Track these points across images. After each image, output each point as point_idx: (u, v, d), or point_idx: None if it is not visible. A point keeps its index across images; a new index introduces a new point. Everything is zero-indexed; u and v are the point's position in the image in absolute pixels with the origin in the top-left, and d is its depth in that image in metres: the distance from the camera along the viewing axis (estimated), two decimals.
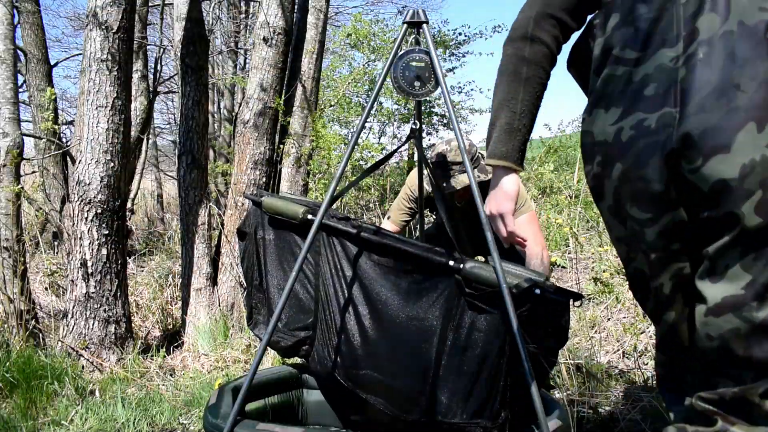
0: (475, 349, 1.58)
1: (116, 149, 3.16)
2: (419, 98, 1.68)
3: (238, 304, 3.59)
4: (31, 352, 2.87)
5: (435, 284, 1.64)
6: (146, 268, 5.63)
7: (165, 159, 12.00)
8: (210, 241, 3.69)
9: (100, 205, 3.12)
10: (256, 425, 1.57)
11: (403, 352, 1.68)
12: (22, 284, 3.26)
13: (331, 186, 1.65)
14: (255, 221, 1.96)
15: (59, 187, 5.47)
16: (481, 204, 1.43)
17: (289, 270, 1.88)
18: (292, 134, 4.16)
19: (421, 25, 1.63)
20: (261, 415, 1.91)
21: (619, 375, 2.58)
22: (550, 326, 1.52)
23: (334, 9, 10.72)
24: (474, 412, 1.59)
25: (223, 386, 1.81)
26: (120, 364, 3.11)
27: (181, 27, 3.66)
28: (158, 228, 7.97)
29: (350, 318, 1.76)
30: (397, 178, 7.60)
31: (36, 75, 5.53)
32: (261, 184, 3.61)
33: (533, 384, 1.40)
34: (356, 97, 7.42)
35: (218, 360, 3.17)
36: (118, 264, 3.23)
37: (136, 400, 2.64)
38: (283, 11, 3.58)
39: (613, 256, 4.12)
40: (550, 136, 7.13)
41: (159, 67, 6.66)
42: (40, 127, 5.04)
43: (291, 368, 2.06)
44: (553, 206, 5.44)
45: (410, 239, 1.81)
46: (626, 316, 3.26)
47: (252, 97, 3.60)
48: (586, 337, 2.95)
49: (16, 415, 2.50)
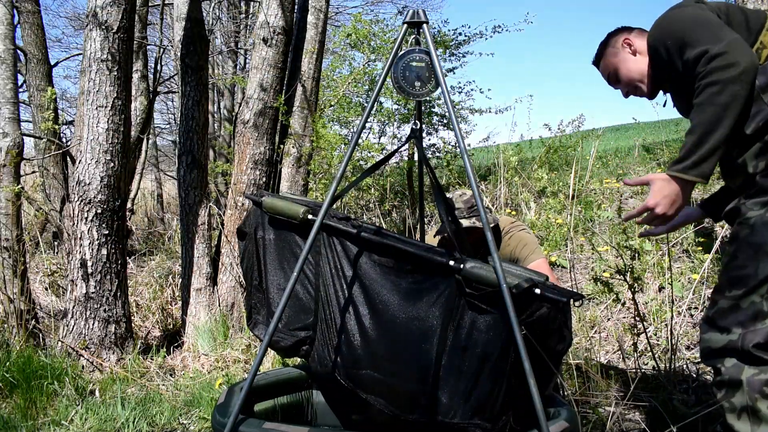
0: (475, 349, 1.58)
1: (116, 149, 3.16)
2: (419, 98, 1.68)
3: (238, 304, 3.59)
4: (31, 352, 2.87)
5: (435, 284, 1.63)
6: (146, 268, 5.63)
7: (165, 159, 12.00)
8: (210, 241, 3.69)
9: (100, 205, 3.12)
10: (263, 424, 1.57)
11: (403, 352, 1.67)
12: (22, 284, 3.26)
13: (332, 186, 1.65)
14: (255, 221, 1.96)
15: (59, 187, 5.48)
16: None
17: (289, 270, 1.88)
18: (292, 134, 4.16)
19: (421, 25, 1.63)
20: (270, 416, 1.92)
21: (619, 375, 2.58)
22: (552, 327, 1.52)
23: (334, 9, 10.73)
24: (474, 412, 1.59)
25: (233, 386, 1.82)
26: (120, 364, 3.11)
27: (181, 27, 3.66)
28: (158, 228, 7.97)
29: (350, 318, 1.76)
30: (397, 178, 7.59)
31: (36, 75, 5.54)
32: (261, 184, 3.61)
33: (533, 384, 1.40)
34: (356, 97, 7.41)
35: (218, 360, 3.17)
36: (118, 264, 3.23)
37: (136, 400, 2.64)
38: (283, 11, 3.58)
39: (612, 256, 4.12)
40: (550, 136, 7.11)
41: (159, 67, 6.66)
42: (40, 127, 5.04)
43: (300, 369, 2.07)
44: (553, 207, 5.44)
45: (410, 239, 1.81)
46: (626, 316, 3.26)
47: (252, 97, 3.60)
48: (586, 337, 2.95)
49: (16, 415, 2.50)
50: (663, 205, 1.52)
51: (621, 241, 4.09)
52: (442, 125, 7.62)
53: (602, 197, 5.79)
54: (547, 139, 7.12)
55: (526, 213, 5.67)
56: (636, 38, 1.80)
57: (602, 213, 5.39)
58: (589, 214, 5.11)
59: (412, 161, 6.37)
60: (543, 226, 4.92)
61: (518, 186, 6.19)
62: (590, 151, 6.38)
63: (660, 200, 1.52)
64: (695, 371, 2.63)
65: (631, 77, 1.81)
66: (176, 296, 4.52)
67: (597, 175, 6.55)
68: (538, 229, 4.89)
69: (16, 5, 4.91)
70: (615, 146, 10.70)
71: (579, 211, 5.00)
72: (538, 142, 7.55)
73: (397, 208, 7.15)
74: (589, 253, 4.44)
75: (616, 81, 1.87)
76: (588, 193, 5.77)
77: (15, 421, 2.44)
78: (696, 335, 3.01)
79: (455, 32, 7.55)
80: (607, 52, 1.86)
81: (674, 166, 1.51)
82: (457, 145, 4.96)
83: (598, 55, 1.91)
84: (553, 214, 5.23)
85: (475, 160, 9.21)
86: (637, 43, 1.79)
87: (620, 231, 4.28)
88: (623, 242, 4.02)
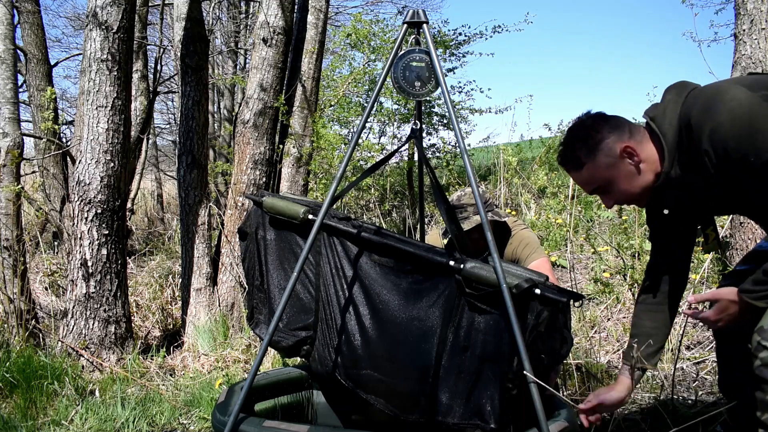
0: (475, 349, 1.58)
1: (116, 149, 3.16)
2: (419, 98, 1.68)
3: (238, 304, 3.59)
4: (31, 352, 2.87)
5: (435, 284, 1.64)
6: (146, 268, 5.63)
7: (165, 159, 12.01)
8: (210, 241, 3.69)
9: (100, 205, 3.12)
10: (263, 422, 1.58)
11: (403, 352, 1.68)
12: (22, 284, 3.25)
13: (332, 186, 1.65)
14: (256, 221, 1.96)
15: (59, 187, 5.47)
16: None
17: (290, 270, 1.88)
18: (292, 134, 4.16)
19: (421, 25, 1.63)
20: (270, 415, 1.92)
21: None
22: (552, 328, 1.52)
23: (334, 9, 10.73)
24: (474, 412, 1.59)
25: (233, 385, 1.82)
26: (120, 364, 3.11)
27: (181, 27, 3.66)
28: (158, 228, 7.97)
29: (351, 318, 1.76)
30: (397, 178, 7.60)
31: (36, 75, 5.53)
32: (261, 184, 3.61)
33: (533, 384, 1.40)
34: (356, 97, 7.42)
35: (218, 360, 3.17)
36: (118, 264, 3.23)
37: (136, 400, 2.64)
38: (283, 11, 3.58)
39: (612, 256, 4.12)
40: (550, 136, 7.12)
41: (159, 67, 6.66)
42: (40, 127, 5.04)
43: (300, 369, 2.07)
44: (553, 207, 5.44)
45: (410, 239, 1.81)
46: (626, 316, 3.26)
47: (252, 97, 3.60)
48: (586, 337, 2.95)
49: (16, 415, 2.50)
50: (724, 321, 1.50)
51: (621, 241, 4.09)
52: (442, 125, 7.62)
53: None
54: (547, 139, 7.13)
55: (526, 213, 5.67)
56: (638, 145, 1.48)
57: (602, 213, 5.39)
58: (589, 214, 5.12)
59: (412, 161, 6.38)
60: (543, 227, 4.92)
61: (518, 186, 6.20)
62: None
63: (723, 318, 1.50)
64: (695, 371, 2.63)
65: (632, 193, 1.53)
66: (176, 296, 4.52)
67: None
68: (538, 229, 4.89)
69: (16, 5, 4.91)
70: None
71: (579, 211, 5.00)
72: (538, 142, 7.55)
73: (397, 208, 7.15)
74: (589, 253, 4.44)
75: (603, 192, 1.56)
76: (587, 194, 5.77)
77: (15, 421, 2.44)
78: (696, 335, 3.01)
79: (455, 32, 7.56)
80: (598, 161, 1.49)
81: (751, 294, 1.43)
82: (457, 145, 4.96)
83: (574, 158, 1.52)
84: (553, 215, 5.23)
85: (475, 160, 9.21)
86: (643, 153, 1.48)
87: (620, 231, 4.29)
88: (623, 242, 4.02)
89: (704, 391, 2.43)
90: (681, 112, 1.43)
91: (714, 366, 2.62)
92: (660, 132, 1.46)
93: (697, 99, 1.41)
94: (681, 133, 1.43)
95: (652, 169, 1.49)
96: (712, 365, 2.63)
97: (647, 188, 1.51)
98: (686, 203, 1.57)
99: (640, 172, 1.49)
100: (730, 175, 1.38)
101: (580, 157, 1.51)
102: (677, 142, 1.44)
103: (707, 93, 1.41)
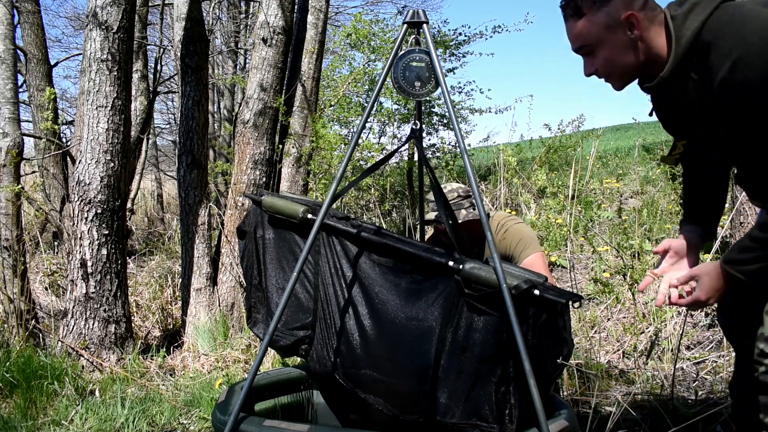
0: (474, 349, 1.58)
1: (116, 149, 3.16)
2: (419, 98, 1.68)
3: (238, 304, 3.59)
4: (31, 352, 2.87)
5: (434, 284, 1.63)
6: (146, 268, 5.63)
7: (165, 159, 12.01)
8: (210, 241, 3.69)
9: (100, 205, 3.12)
10: (263, 422, 1.58)
11: (402, 352, 1.67)
12: (22, 284, 3.26)
13: (332, 186, 1.65)
14: (255, 220, 1.96)
15: (59, 187, 5.47)
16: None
17: (288, 269, 1.88)
18: (292, 134, 4.16)
19: (421, 25, 1.63)
20: (270, 415, 1.92)
21: (619, 375, 2.58)
22: (551, 329, 1.52)
23: (334, 9, 10.73)
24: (473, 412, 1.59)
25: (233, 385, 1.83)
26: (120, 364, 3.11)
27: (181, 27, 3.66)
28: (158, 228, 7.97)
29: (350, 318, 1.76)
30: (397, 178, 7.60)
31: (36, 75, 5.53)
32: (261, 184, 3.61)
33: (533, 384, 1.40)
34: (356, 97, 7.41)
35: (218, 360, 3.17)
36: (118, 264, 3.23)
37: (136, 400, 2.64)
38: (283, 11, 3.59)
39: (612, 256, 4.12)
40: (550, 136, 7.12)
41: (159, 67, 6.66)
42: (40, 127, 5.04)
43: (300, 369, 2.07)
44: (553, 207, 5.44)
45: (410, 239, 1.81)
46: (626, 316, 3.26)
47: (252, 97, 3.61)
48: (586, 337, 2.95)
49: (16, 415, 2.50)
50: (714, 298, 1.48)
51: (621, 241, 4.09)
52: (442, 125, 7.62)
53: (602, 197, 5.79)
54: (547, 139, 7.13)
55: (526, 213, 5.67)
56: (645, 18, 1.34)
57: (602, 213, 5.40)
58: (589, 214, 5.12)
59: (412, 161, 6.37)
60: (543, 227, 4.92)
61: (518, 186, 6.20)
62: (590, 151, 6.39)
63: (712, 295, 1.48)
64: (695, 371, 2.63)
65: (613, 66, 1.40)
66: (176, 296, 4.52)
67: (597, 175, 6.57)
68: (538, 229, 4.89)
69: (16, 5, 4.91)
70: (615, 146, 10.71)
71: (579, 211, 5.00)
72: (538, 142, 7.56)
73: (397, 208, 7.16)
74: (589, 253, 4.44)
75: (587, 54, 1.41)
76: (588, 193, 5.77)
77: (15, 421, 2.44)
78: (696, 335, 3.01)
79: (455, 32, 7.56)
80: (597, 17, 1.34)
81: (733, 266, 1.39)
82: (457, 145, 4.96)
83: (577, 5, 1.37)
84: (553, 215, 5.24)
85: (475, 160, 9.22)
86: (646, 29, 1.35)
87: (620, 231, 4.29)
88: (623, 242, 4.02)
89: (704, 391, 2.43)
90: (704, 26, 1.29)
91: (714, 366, 2.62)
92: (675, 36, 1.33)
93: (732, 20, 1.26)
94: (695, 43, 1.30)
95: (647, 55, 1.37)
96: (712, 365, 2.64)
97: (629, 71, 1.40)
98: (671, 115, 1.52)
99: (634, 48, 1.36)
100: (741, 104, 1.26)
101: (582, 6, 1.36)
102: (686, 52, 1.32)
103: (739, 18, 1.26)
